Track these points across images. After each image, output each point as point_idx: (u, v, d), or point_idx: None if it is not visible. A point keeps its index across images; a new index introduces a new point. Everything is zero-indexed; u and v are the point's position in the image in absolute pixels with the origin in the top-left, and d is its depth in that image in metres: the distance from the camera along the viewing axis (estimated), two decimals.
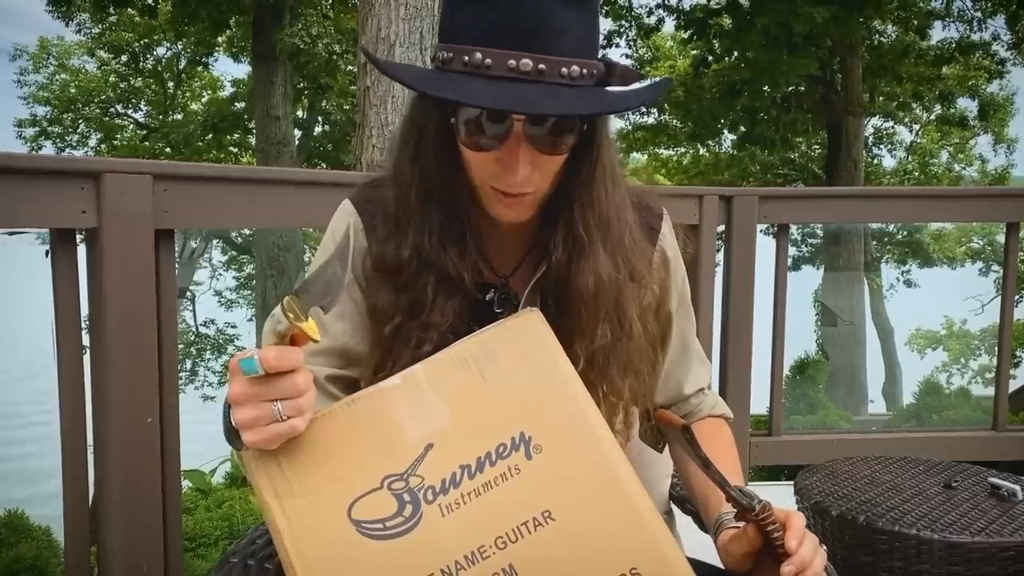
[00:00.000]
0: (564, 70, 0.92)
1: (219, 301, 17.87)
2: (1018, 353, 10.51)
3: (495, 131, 0.95)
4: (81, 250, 1.68)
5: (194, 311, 17.34)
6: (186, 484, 2.71)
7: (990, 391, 3.57)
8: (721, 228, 3.04)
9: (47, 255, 1.63)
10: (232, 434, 0.87)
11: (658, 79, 1.15)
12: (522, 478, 0.87)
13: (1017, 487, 1.70)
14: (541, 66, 0.91)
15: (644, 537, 0.86)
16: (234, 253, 18.14)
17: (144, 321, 1.69)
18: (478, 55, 0.91)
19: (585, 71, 0.94)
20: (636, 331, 1.10)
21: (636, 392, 1.12)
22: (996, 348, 3.25)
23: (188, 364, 16.06)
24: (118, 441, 1.70)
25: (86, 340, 1.70)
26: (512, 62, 0.91)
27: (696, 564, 0.92)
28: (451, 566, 0.83)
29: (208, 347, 16.75)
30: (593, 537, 0.85)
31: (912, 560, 1.53)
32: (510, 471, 0.87)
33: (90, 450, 1.74)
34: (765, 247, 3.13)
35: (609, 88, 0.98)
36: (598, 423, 0.93)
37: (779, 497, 2.09)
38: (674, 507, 1.44)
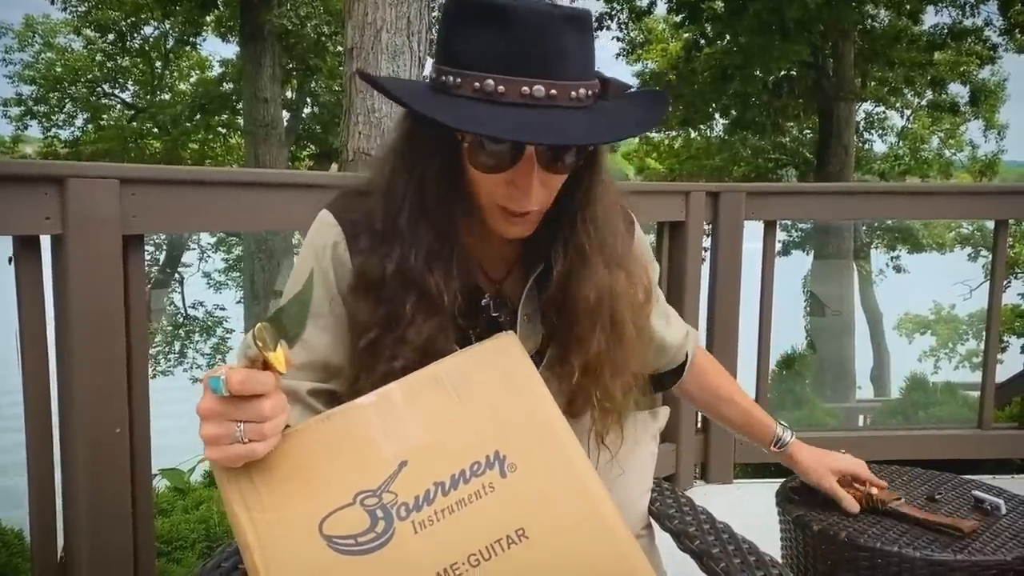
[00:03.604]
0: (573, 93, 0.95)
1: (208, 283, 17.78)
2: (1006, 339, 10.57)
3: (509, 155, 0.97)
4: (47, 257, 1.64)
5: (182, 293, 17.27)
6: (163, 484, 2.67)
7: (976, 377, 3.56)
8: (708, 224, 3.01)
9: (10, 262, 1.58)
10: None
11: (652, 91, 1.16)
12: (496, 496, 0.87)
13: (1000, 500, 1.68)
14: (553, 91, 0.93)
15: (617, 556, 0.86)
16: (222, 235, 18.04)
17: (112, 330, 1.65)
18: (490, 82, 0.92)
19: (589, 92, 0.97)
20: (629, 335, 1.12)
21: (628, 389, 1.15)
22: (983, 334, 3.24)
23: (177, 346, 16.03)
24: (86, 452, 1.66)
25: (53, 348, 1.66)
26: (525, 89, 0.92)
27: None
28: None
29: (197, 329, 16.69)
30: (566, 555, 0.85)
31: None
32: (484, 489, 0.87)
33: (58, 459, 1.71)
34: (753, 233, 3.10)
35: (606, 102, 1.00)
36: (571, 444, 0.94)
37: (762, 496, 2.07)
38: (653, 523, 1.43)
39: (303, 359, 1.08)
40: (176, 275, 16.90)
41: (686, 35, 14.50)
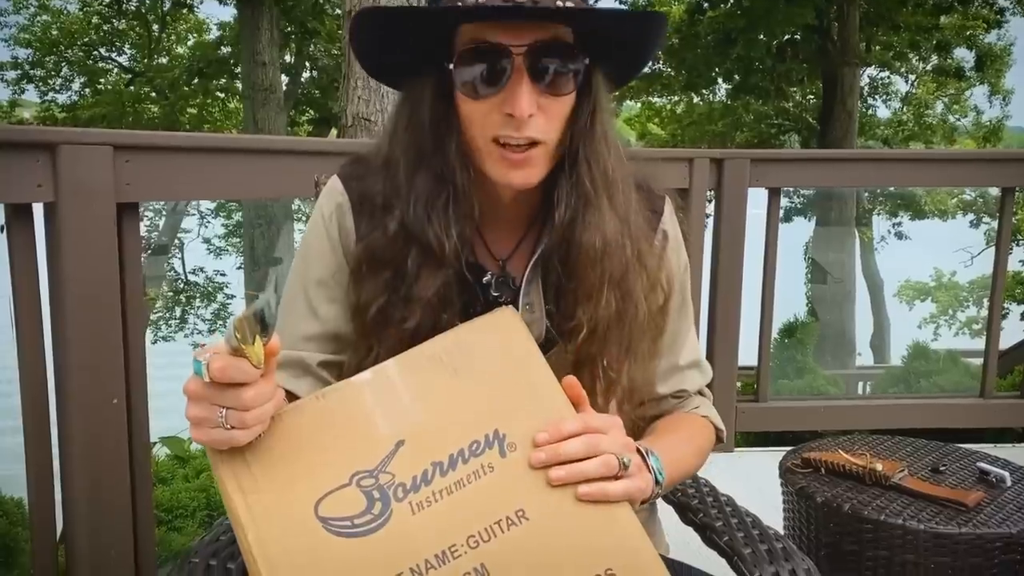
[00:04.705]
0: (559, 2, 0.92)
1: (208, 249, 17.74)
2: (1007, 306, 10.56)
3: (496, 69, 0.95)
4: (39, 225, 1.61)
5: (183, 259, 17.24)
6: (164, 452, 2.67)
7: (977, 345, 3.55)
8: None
9: (1, 231, 1.55)
10: None
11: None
12: (495, 476, 0.85)
13: (1005, 473, 1.67)
14: None
15: (619, 537, 0.84)
16: (222, 200, 17.96)
17: (108, 299, 1.63)
18: None
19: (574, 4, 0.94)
20: (641, 311, 1.08)
21: (634, 379, 1.10)
22: (985, 301, 3.22)
23: (178, 312, 16.03)
24: (82, 422, 1.65)
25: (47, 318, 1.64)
26: None
27: (673, 564, 0.90)
28: (420, 565, 0.80)
29: (197, 295, 16.68)
30: (567, 537, 0.83)
31: (897, 550, 1.50)
32: (483, 469, 0.85)
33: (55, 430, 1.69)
34: (757, 199, 3.08)
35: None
36: None
37: (764, 465, 2.07)
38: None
39: (313, 331, 1.08)
40: (176, 241, 16.85)
41: None
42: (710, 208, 3.15)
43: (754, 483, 1.32)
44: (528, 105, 0.95)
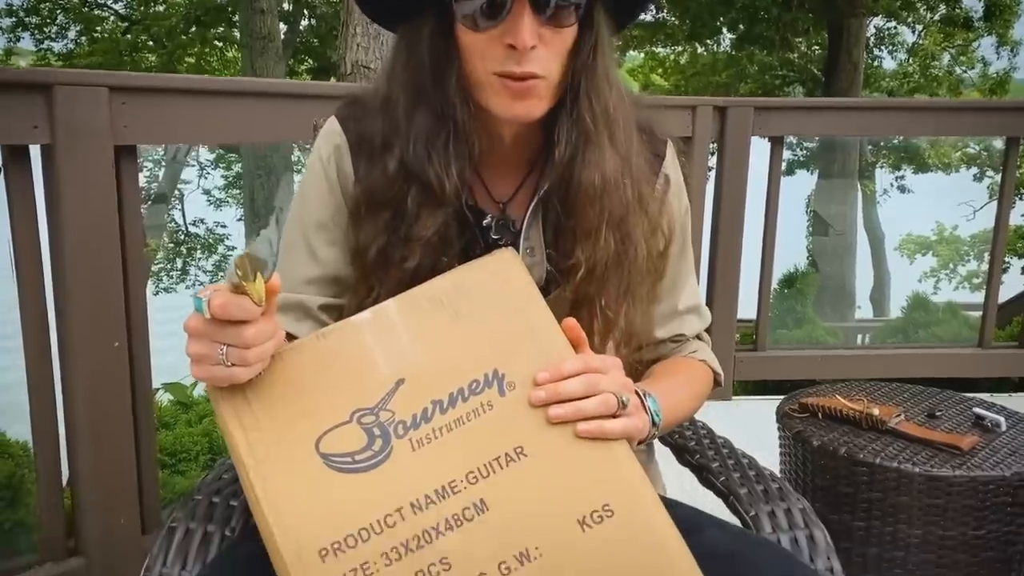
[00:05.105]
0: None
1: (208, 200, 17.67)
2: (1008, 259, 10.54)
3: (497, 1, 0.94)
4: (37, 168, 1.60)
5: (183, 210, 17.18)
6: (167, 398, 2.69)
7: (976, 298, 3.56)
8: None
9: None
10: None
11: None
12: (495, 414, 0.86)
13: (1001, 418, 1.68)
14: None
15: (617, 474, 0.85)
16: (221, 151, 17.83)
17: (107, 242, 1.63)
18: None
19: None
20: (640, 254, 1.07)
21: (632, 322, 1.10)
22: (985, 255, 3.22)
23: (179, 263, 16.03)
24: (85, 366, 1.66)
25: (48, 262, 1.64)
26: None
27: (670, 503, 0.91)
28: (420, 499, 0.81)
29: (198, 246, 16.67)
30: (565, 473, 0.84)
31: (891, 492, 1.52)
32: (483, 407, 0.86)
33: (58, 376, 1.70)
34: (760, 150, 3.06)
35: None
36: None
37: (761, 414, 2.08)
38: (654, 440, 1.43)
39: (313, 274, 1.08)
40: (176, 192, 16.78)
41: None
42: (712, 161, 3.14)
43: (752, 431, 1.33)
44: (530, 36, 0.94)
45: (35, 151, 1.60)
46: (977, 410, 1.72)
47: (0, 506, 1.92)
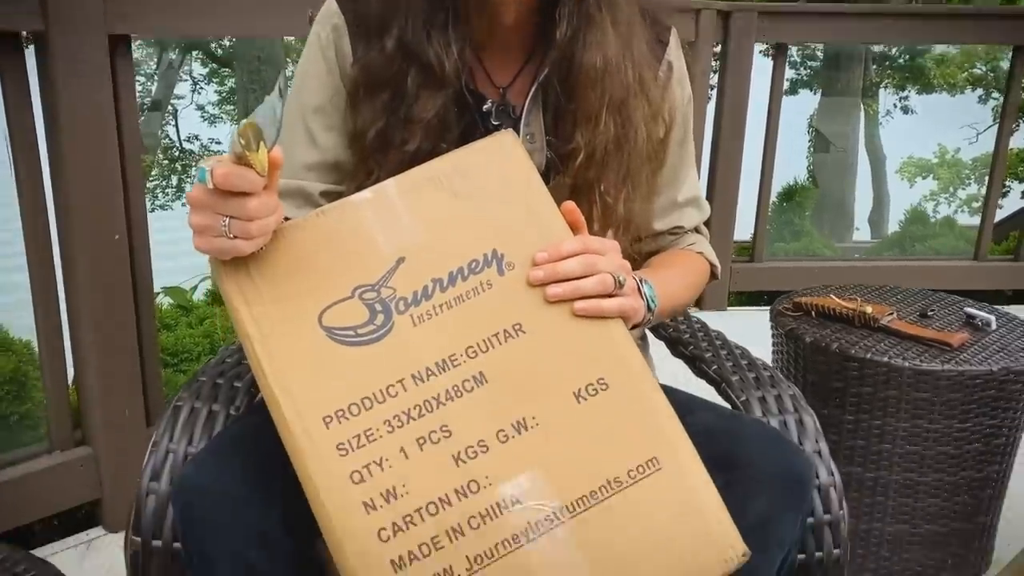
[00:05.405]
0: None
1: (202, 116, 17.41)
2: (1008, 183, 10.47)
3: None
4: (31, 56, 1.58)
5: (176, 126, 16.92)
6: (167, 301, 2.71)
7: (974, 220, 3.56)
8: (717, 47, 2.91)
9: None
10: None
11: None
12: (494, 292, 0.87)
13: (992, 317, 1.71)
14: None
15: (612, 349, 0.87)
16: (214, 66, 17.48)
17: (103, 134, 1.62)
18: None
19: None
20: (640, 139, 1.07)
21: (631, 210, 1.10)
22: (986, 179, 3.22)
23: (174, 180, 15.86)
24: (85, 259, 1.66)
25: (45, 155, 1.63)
26: None
27: (664, 389, 0.93)
28: (422, 372, 0.84)
29: (193, 163, 16.48)
30: (562, 348, 0.86)
31: (880, 386, 1.55)
32: (482, 286, 0.88)
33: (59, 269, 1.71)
34: (763, 69, 3.02)
35: None
36: None
37: (756, 322, 2.10)
38: (647, 332, 1.44)
39: (313, 159, 1.08)
40: (169, 107, 16.51)
41: None
42: (714, 80, 3.10)
43: (747, 340, 1.35)
44: None
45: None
46: (968, 309, 1.75)
47: (8, 399, 1.95)
